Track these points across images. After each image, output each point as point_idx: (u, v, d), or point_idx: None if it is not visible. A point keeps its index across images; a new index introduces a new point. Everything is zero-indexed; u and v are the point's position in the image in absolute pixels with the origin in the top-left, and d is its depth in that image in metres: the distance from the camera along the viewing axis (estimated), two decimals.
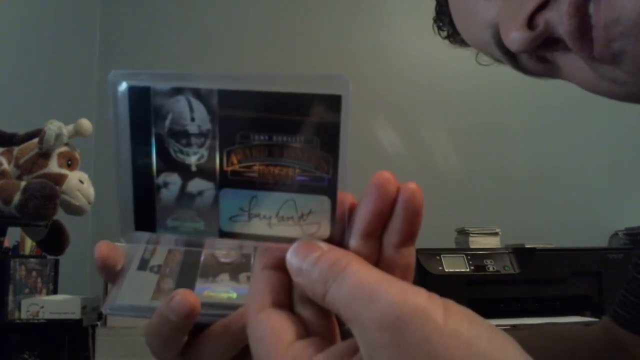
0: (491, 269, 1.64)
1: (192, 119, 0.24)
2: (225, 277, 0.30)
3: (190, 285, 0.30)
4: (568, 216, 2.21)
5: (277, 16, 2.32)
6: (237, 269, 0.31)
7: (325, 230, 0.25)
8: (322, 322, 0.25)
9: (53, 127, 1.06)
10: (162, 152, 0.25)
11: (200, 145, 0.25)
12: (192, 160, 0.25)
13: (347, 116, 0.23)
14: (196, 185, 0.25)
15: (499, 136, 2.31)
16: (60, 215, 1.09)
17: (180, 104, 0.24)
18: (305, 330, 0.24)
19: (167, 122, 0.25)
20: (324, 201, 0.24)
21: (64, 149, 1.10)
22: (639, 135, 2.34)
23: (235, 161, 0.25)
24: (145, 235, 0.26)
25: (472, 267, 1.63)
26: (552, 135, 2.32)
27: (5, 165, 1.08)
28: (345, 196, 0.25)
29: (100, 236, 0.33)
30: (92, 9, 2.26)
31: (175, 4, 2.33)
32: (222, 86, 0.24)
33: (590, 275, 1.67)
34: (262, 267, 0.25)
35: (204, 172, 0.25)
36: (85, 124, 1.11)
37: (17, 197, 1.00)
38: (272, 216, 0.25)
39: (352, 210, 0.25)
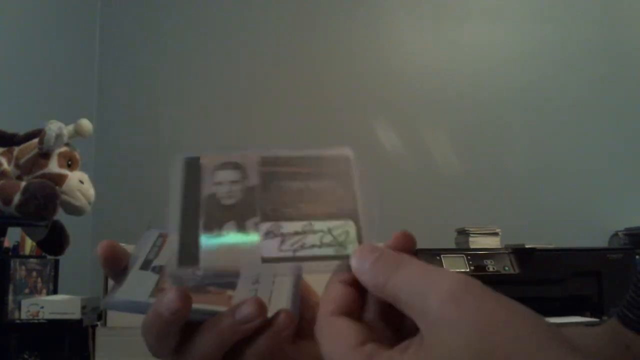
0: (491, 269, 1.64)
1: (238, 174, 0.32)
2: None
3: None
4: (568, 216, 2.21)
5: (277, 15, 2.32)
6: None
7: (355, 247, 0.30)
8: (388, 331, 0.28)
9: (53, 127, 1.06)
10: (209, 202, 0.31)
11: (243, 191, 0.31)
12: (234, 201, 0.31)
13: (357, 165, 0.33)
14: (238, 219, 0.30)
15: (499, 136, 2.31)
16: (60, 215, 1.09)
17: (229, 168, 0.32)
18: (374, 336, 0.26)
19: (216, 179, 0.31)
20: (350, 225, 0.30)
21: (64, 149, 1.10)
22: (639, 136, 2.34)
23: (272, 203, 0.31)
24: (188, 271, 0.29)
25: (472, 267, 1.63)
26: (552, 135, 2.32)
27: (6, 165, 1.08)
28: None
29: (100, 236, 0.33)
30: (92, 9, 2.26)
31: (175, 3, 2.33)
32: (264, 154, 0.32)
33: (590, 275, 1.67)
34: (337, 280, 0.28)
35: (246, 209, 0.30)
36: (85, 124, 1.11)
37: (17, 197, 1.00)
38: (314, 245, 0.30)
39: None
